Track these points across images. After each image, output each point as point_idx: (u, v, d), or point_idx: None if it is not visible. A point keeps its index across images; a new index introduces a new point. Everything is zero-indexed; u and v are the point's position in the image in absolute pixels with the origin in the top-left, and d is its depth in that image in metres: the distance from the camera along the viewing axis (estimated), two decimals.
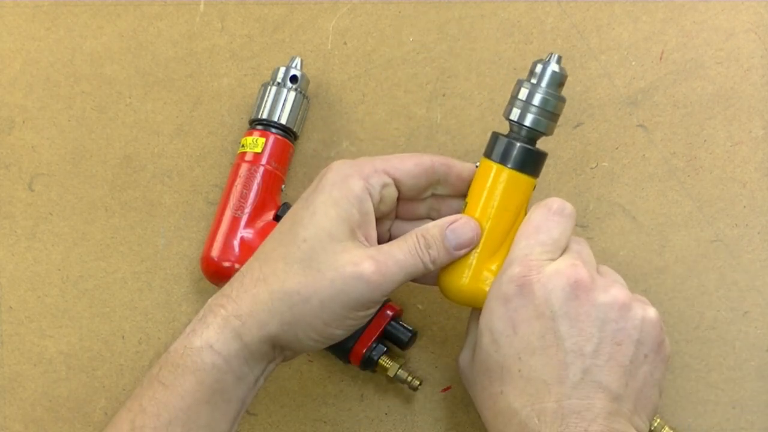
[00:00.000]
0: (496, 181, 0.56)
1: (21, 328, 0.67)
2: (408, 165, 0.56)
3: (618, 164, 0.66)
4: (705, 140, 0.66)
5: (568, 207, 0.55)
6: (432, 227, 0.55)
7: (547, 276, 0.52)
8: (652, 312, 0.53)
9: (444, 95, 0.68)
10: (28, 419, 0.66)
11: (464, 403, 0.64)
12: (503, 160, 0.56)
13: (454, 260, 0.55)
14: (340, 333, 0.54)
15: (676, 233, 0.65)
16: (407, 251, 0.53)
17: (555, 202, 0.55)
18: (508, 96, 0.56)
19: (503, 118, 0.57)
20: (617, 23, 0.68)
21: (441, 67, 0.68)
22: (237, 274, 0.55)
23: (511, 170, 0.55)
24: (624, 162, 0.66)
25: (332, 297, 0.52)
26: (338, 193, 0.53)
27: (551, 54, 0.56)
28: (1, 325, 0.67)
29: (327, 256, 0.52)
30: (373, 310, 0.54)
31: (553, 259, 0.54)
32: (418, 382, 0.62)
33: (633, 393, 0.51)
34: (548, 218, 0.55)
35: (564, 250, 0.54)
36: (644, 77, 0.67)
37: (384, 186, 0.55)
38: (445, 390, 0.64)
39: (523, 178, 0.56)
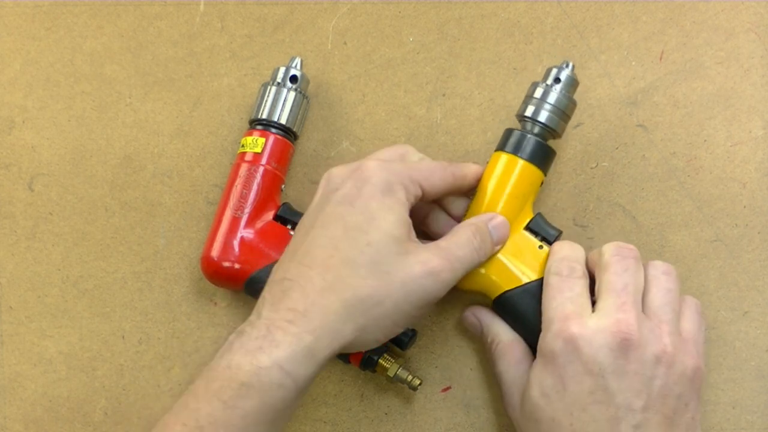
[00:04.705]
0: (508, 169, 0.59)
1: (21, 328, 0.67)
2: (436, 178, 0.57)
3: (618, 164, 0.66)
4: (705, 140, 0.66)
5: (577, 267, 0.57)
6: (479, 223, 0.57)
7: (592, 332, 0.53)
8: (691, 363, 0.54)
9: (444, 95, 0.68)
10: (28, 419, 0.66)
11: (464, 403, 0.64)
12: (516, 151, 0.59)
13: (491, 255, 0.58)
14: (401, 330, 0.55)
15: (676, 233, 0.65)
16: (465, 246, 0.55)
17: (563, 269, 0.57)
18: (508, 96, 0.56)
19: (503, 118, 0.58)
20: (617, 23, 0.68)
21: (441, 67, 0.68)
22: (289, 285, 0.52)
23: (523, 160, 0.59)
24: (624, 162, 0.66)
25: (405, 298, 0.52)
26: (389, 199, 0.54)
27: (565, 61, 0.61)
28: (1, 325, 0.67)
29: (393, 258, 0.52)
30: (432, 306, 0.56)
31: (590, 303, 0.55)
32: (418, 382, 0.62)
33: None
34: (562, 282, 0.56)
35: (601, 293, 0.56)
36: (644, 77, 0.67)
37: (416, 197, 0.56)
38: (445, 390, 0.64)
39: (534, 170, 0.59)
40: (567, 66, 0.61)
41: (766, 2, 0.67)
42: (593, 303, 0.56)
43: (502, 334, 0.60)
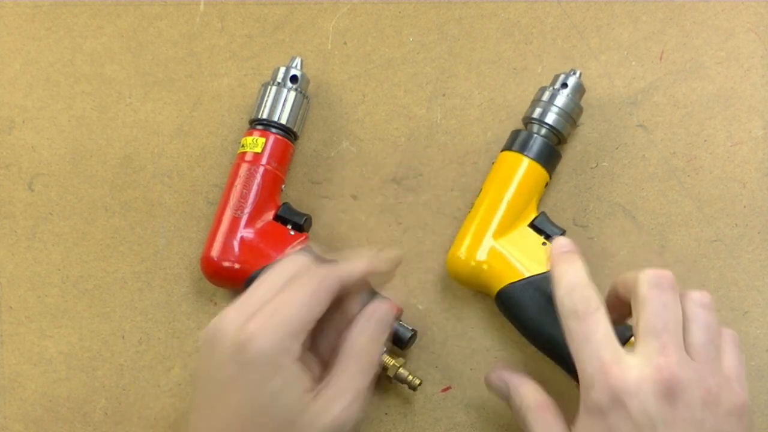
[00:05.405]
0: (514, 167, 0.61)
1: (21, 328, 0.67)
2: (324, 299, 0.53)
3: (618, 164, 0.66)
4: (705, 140, 0.66)
5: (590, 295, 0.53)
6: (361, 336, 0.54)
7: (636, 383, 0.51)
8: (737, 401, 0.53)
9: (444, 95, 0.68)
10: (28, 419, 0.66)
11: (464, 403, 0.64)
12: (522, 150, 0.61)
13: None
14: None
15: (676, 233, 0.65)
16: (363, 374, 0.54)
17: (578, 305, 0.53)
18: (508, 96, 0.56)
19: (503, 118, 0.57)
20: (617, 23, 0.68)
21: (441, 67, 0.68)
22: None
23: (528, 159, 0.61)
24: (624, 162, 0.66)
25: None
26: (285, 371, 0.51)
27: (573, 69, 0.63)
28: (1, 325, 0.67)
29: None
30: None
31: (627, 341, 0.54)
32: (418, 382, 0.62)
33: None
34: (584, 326, 0.53)
35: (640, 334, 0.53)
36: (644, 77, 0.67)
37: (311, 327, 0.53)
38: (445, 390, 0.64)
39: (539, 169, 0.61)
40: (574, 73, 0.63)
41: (766, 2, 0.67)
42: (617, 321, 0.54)
43: (531, 396, 0.57)
